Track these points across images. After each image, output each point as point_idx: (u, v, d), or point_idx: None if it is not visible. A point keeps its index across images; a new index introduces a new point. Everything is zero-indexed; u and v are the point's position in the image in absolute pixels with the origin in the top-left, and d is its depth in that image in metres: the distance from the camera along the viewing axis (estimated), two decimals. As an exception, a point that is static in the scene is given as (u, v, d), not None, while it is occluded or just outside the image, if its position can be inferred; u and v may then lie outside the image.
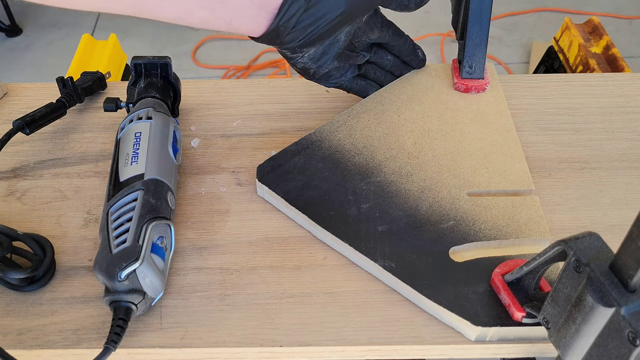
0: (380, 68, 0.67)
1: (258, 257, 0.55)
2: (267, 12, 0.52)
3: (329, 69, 0.60)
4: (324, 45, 0.57)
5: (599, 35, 0.92)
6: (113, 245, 0.49)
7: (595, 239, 0.40)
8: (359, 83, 0.65)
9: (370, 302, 0.51)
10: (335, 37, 0.57)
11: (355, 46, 0.61)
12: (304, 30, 0.53)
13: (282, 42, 0.54)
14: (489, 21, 0.65)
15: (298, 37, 0.54)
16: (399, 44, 0.65)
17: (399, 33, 0.64)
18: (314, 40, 0.55)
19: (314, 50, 0.57)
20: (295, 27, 0.53)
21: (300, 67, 0.59)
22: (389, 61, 0.67)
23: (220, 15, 0.51)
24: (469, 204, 0.56)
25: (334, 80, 0.63)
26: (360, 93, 0.66)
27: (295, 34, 0.53)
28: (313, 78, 0.61)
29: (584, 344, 0.40)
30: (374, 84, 0.67)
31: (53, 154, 0.64)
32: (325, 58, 0.59)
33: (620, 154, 0.63)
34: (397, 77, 0.68)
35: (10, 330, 0.50)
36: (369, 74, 0.66)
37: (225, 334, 0.49)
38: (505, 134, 0.62)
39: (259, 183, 0.58)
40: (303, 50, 0.56)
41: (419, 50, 0.68)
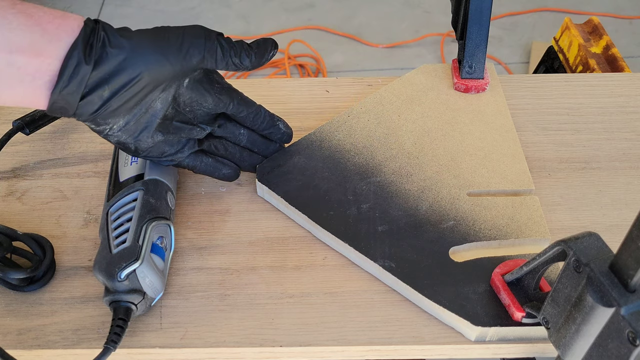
0: (233, 144, 0.56)
1: (258, 257, 0.55)
2: (43, 81, 0.43)
3: (152, 143, 0.51)
4: (134, 115, 0.48)
5: (599, 35, 0.92)
6: (113, 245, 0.49)
7: (595, 239, 0.40)
8: (205, 161, 0.55)
9: (370, 302, 0.51)
10: (147, 105, 0.48)
11: (189, 117, 0.52)
12: (98, 98, 0.45)
13: (77, 114, 0.46)
14: (489, 21, 0.65)
15: (93, 108, 0.45)
16: (249, 115, 0.54)
17: (246, 102, 0.54)
18: (116, 111, 0.46)
19: (122, 121, 0.48)
20: (87, 97, 0.44)
21: (116, 142, 0.50)
22: (243, 136, 0.56)
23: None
24: (469, 204, 0.56)
25: (167, 157, 0.52)
26: (209, 173, 0.56)
27: (88, 105, 0.45)
28: (137, 154, 0.51)
29: (583, 344, 0.40)
30: (226, 161, 0.57)
31: (53, 154, 0.64)
32: (142, 130, 0.49)
33: (620, 154, 0.63)
34: (259, 154, 0.58)
35: (10, 330, 0.50)
36: (218, 151, 0.56)
37: (225, 334, 0.49)
38: (505, 134, 0.62)
39: (259, 183, 0.58)
40: (108, 122, 0.47)
41: (280, 122, 0.57)
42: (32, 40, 0.43)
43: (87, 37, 0.44)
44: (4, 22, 0.42)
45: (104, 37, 0.45)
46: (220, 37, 0.50)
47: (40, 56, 0.43)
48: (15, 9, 0.43)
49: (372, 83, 0.71)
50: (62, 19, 0.44)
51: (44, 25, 0.43)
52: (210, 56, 0.49)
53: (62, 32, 0.44)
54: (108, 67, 0.45)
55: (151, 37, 0.47)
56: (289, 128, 0.58)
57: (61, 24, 0.44)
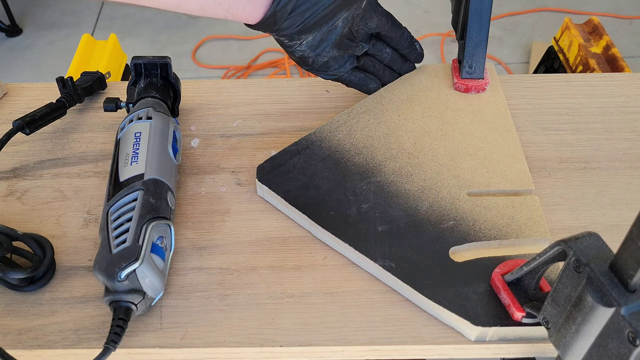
0: (379, 61, 0.66)
1: (258, 257, 0.55)
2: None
3: (327, 57, 0.60)
4: (321, 32, 0.57)
5: (599, 35, 0.92)
6: (113, 245, 0.49)
7: (595, 239, 0.40)
8: (358, 76, 0.65)
9: (370, 302, 0.51)
10: (332, 24, 0.57)
11: (354, 36, 0.61)
12: (301, 15, 0.54)
13: (280, 29, 0.54)
14: (489, 21, 0.65)
15: (295, 23, 0.54)
16: (397, 35, 0.64)
17: (397, 24, 0.64)
18: (311, 27, 0.55)
19: (311, 37, 0.57)
20: (292, 13, 0.53)
21: (299, 56, 0.59)
22: (387, 54, 0.66)
23: (219, 2, 0.51)
24: (469, 204, 0.56)
25: (333, 71, 0.62)
26: (360, 86, 0.66)
27: (292, 20, 0.54)
28: (312, 68, 0.61)
29: (583, 344, 0.40)
30: (373, 77, 0.66)
31: (53, 154, 0.64)
32: (324, 46, 0.58)
33: (620, 154, 0.63)
34: (396, 72, 0.68)
35: (10, 330, 0.50)
36: (368, 67, 0.65)
37: (225, 334, 0.49)
38: (505, 134, 0.62)
39: (259, 183, 0.58)
40: (301, 38, 0.56)
41: (416, 43, 0.67)
42: None
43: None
44: None
45: None
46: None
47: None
48: None
49: (372, 83, 0.71)
50: None
51: None
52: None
53: None
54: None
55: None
56: (422, 49, 0.68)
57: None
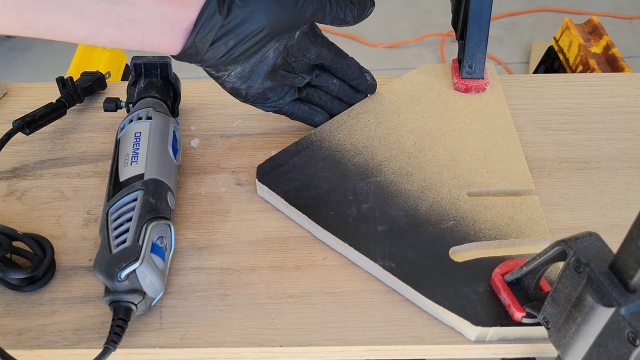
0: (325, 93, 0.62)
1: (258, 257, 0.55)
2: (181, 29, 0.49)
3: (261, 89, 0.56)
4: (250, 63, 0.54)
5: (599, 35, 0.92)
6: (113, 245, 0.49)
7: (595, 239, 0.40)
8: (302, 108, 0.61)
9: (370, 302, 0.51)
10: (262, 54, 0.54)
11: (293, 67, 0.58)
12: (225, 45, 0.50)
13: (203, 60, 0.51)
14: (489, 21, 0.65)
15: (219, 54, 0.51)
16: (342, 66, 0.60)
17: (341, 54, 0.60)
18: (237, 58, 0.52)
19: (240, 68, 0.53)
20: (215, 44, 0.50)
21: (230, 88, 0.56)
22: (335, 85, 0.62)
23: (131, 34, 0.48)
24: (469, 204, 0.56)
25: (271, 103, 0.59)
26: (305, 119, 0.62)
27: (215, 51, 0.50)
28: (246, 100, 0.57)
29: (583, 344, 0.40)
30: (319, 109, 0.62)
31: (53, 154, 0.64)
32: (255, 77, 0.55)
33: (620, 154, 0.63)
34: (347, 103, 0.64)
35: (10, 330, 0.50)
36: (313, 99, 0.61)
37: (225, 334, 0.49)
38: (505, 134, 0.62)
39: (259, 183, 0.58)
40: (228, 69, 0.53)
41: (367, 74, 0.63)
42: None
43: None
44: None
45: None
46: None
47: (182, 6, 0.48)
48: None
49: (372, 83, 0.71)
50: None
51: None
52: (321, 10, 0.53)
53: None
54: (236, 18, 0.49)
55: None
56: (374, 80, 0.64)
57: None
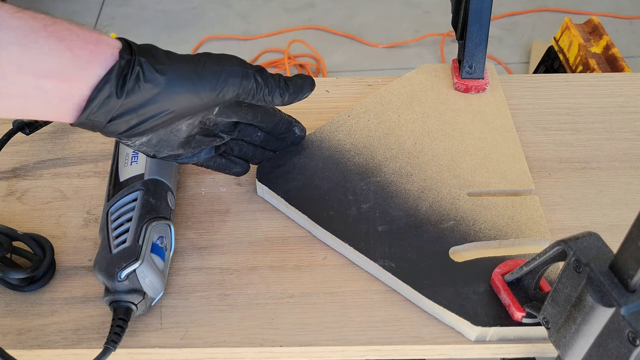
0: (248, 143, 0.57)
1: (258, 257, 0.55)
2: (72, 103, 0.43)
3: (171, 153, 0.51)
4: (159, 135, 0.48)
5: (599, 35, 0.92)
6: (113, 245, 0.49)
7: (595, 239, 0.40)
8: (219, 161, 0.56)
9: (370, 302, 0.51)
10: (173, 128, 0.48)
11: (209, 129, 0.52)
12: (125, 123, 0.45)
13: (104, 133, 0.46)
14: (489, 21, 0.64)
15: (119, 130, 0.45)
16: (269, 125, 0.56)
17: (269, 113, 0.55)
18: (142, 133, 0.47)
19: (146, 139, 0.48)
20: (114, 121, 0.44)
21: (136, 149, 0.50)
22: (259, 138, 0.57)
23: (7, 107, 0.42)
24: (469, 204, 0.56)
25: (184, 159, 0.53)
26: (222, 171, 0.57)
27: (114, 127, 0.45)
28: (155, 157, 0.52)
29: (583, 344, 0.40)
30: (239, 160, 0.57)
31: (53, 153, 0.64)
32: (164, 145, 0.49)
33: (620, 154, 0.63)
34: (271, 151, 0.59)
35: (10, 330, 0.50)
36: (233, 151, 0.57)
37: (225, 334, 0.49)
38: (505, 134, 0.62)
39: (259, 183, 0.58)
40: (132, 139, 0.47)
41: (296, 127, 0.58)
42: (61, 65, 0.41)
43: (121, 70, 0.43)
44: (34, 45, 0.40)
45: (138, 71, 0.44)
46: (258, 74, 0.49)
47: (69, 82, 0.42)
48: (46, 32, 0.41)
49: (372, 83, 0.71)
50: (96, 45, 0.43)
51: (75, 50, 0.42)
52: (244, 93, 0.49)
53: (94, 60, 0.42)
54: (138, 99, 0.44)
55: (186, 74, 0.46)
56: (303, 131, 0.59)
57: (94, 51, 0.42)
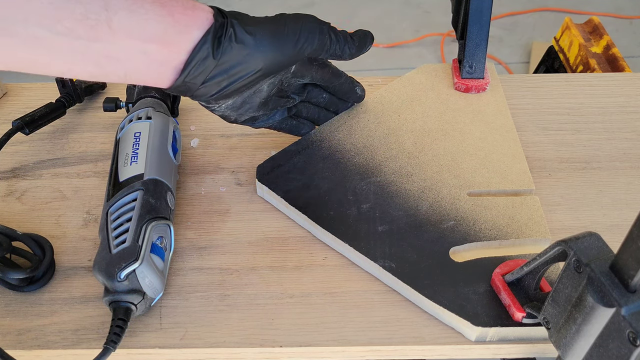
0: (314, 105, 0.62)
1: (258, 257, 0.55)
2: (170, 68, 0.46)
3: (251, 116, 0.56)
4: (243, 97, 0.53)
5: (599, 35, 0.92)
6: (112, 245, 0.49)
7: (595, 239, 0.40)
8: (290, 123, 0.60)
9: (370, 302, 0.51)
10: (256, 89, 0.53)
11: (284, 90, 0.57)
12: (217, 85, 0.49)
13: (194, 96, 0.50)
14: (489, 21, 0.64)
15: (210, 92, 0.49)
16: (335, 85, 0.60)
17: (336, 75, 0.60)
18: (230, 94, 0.50)
19: (231, 101, 0.52)
20: (206, 83, 0.48)
21: (219, 115, 0.55)
22: (324, 99, 0.62)
23: (111, 71, 0.45)
24: (469, 204, 0.56)
25: (260, 123, 0.58)
26: (291, 132, 0.61)
27: (206, 89, 0.49)
28: (236, 123, 0.56)
29: (584, 344, 0.40)
30: (306, 122, 0.62)
31: (52, 154, 0.64)
32: (247, 107, 0.54)
33: (620, 154, 0.63)
34: (333, 112, 0.64)
35: (9, 331, 0.50)
36: (301, 113, 0.61)
37: (225, 334, 0.49)
38: (505, 134, 0.62)
39: (259, 183, 0.58)
40: (219, 102, 0.52)
41: (357, 87, 0.63)
42: (164, 30, 0.45)
43: (216, 32, 0.47)
44: (141, 11, 0.44)
45: (231, 33, 0.47)
46: (331, 30, 0.53)
47: (170, 46, 0.45)
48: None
49: (372, 83, 0.71)
50: (193, 10, 0.46)
51: (176, 16, 0.45)
52: (320, 48, 0.52)
53: (192, 24, 0.46)
54: (231, 60, 0.48)
55: (271, 33, 0.50)
56: (363, 91, 0.64)
57: (192, 16, 0.46)
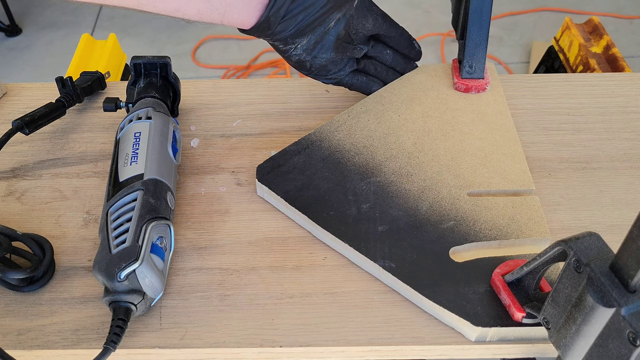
0: (380, 63, 0.66)
1: (258, 257, 0.55)
2: (258, 2, 0.54)
3: (324, 61, 0.60)
4: (315, 35, 0.58)
5: (599, 35, 0.92)
6: (112, 245, 0.49)
7: (595, 239, 0.40)
8: (360, 79, 0.65)
9: (370, 302, 0.51)
10: (326, 26, 0.58)
11: (351, 38, 0.61)
12: (294, 19, 0.55)
13: (274, 33, 0.56)
14: (489, 21, 0.64)
15: (289, 27, 0.55)
16: (395, 35, 0.64)
17: (394, 24, 0.64)
18: (304, 29, 0.56)
19: (306, 40, 0.57)
20: (285, 17, 0.55)
21: (295, 61, 0.60)
22: (389, 55, 0.66)
23: (216, 7, 0.53)
24: (469, 204, 0.56)
25: (332, 74, 0.62)
26: (363, 89, 0.66)
27: (285, 24, 0.55)
28: (310, 72, 0.61)
29: (584, 344, 0.40)
30: (376, 80, 0.66)
31: (52, 154, 0.64)
32: (319, 48, 0.59)
33: (620, 154, 0.63)
34: (399, 72, 0.67)
35: (9, 331, 0.50)
36: (369, 70, 0.65)
37: (225, 334, 0.49)
38: (505, 133, 0.62)
39: (259, 183, 0.58)
40: (295, 41, 0.57)
41: (414, 42, 0.67)
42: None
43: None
44: None
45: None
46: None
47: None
48: None
49: (372, 83, 0.71)
50: None
51: None
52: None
53: None
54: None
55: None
56: (420, 47, 0.68)
57: None
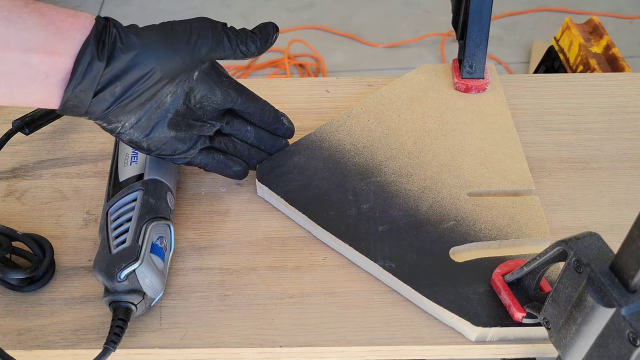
0: (241, 141, 0.57)
1: (258, 257, 0.55)
2: (56, 79, 0.43)
3: (164, 140, 0.50)
4: (146, 111, 0.48)
5: (600, 35, 0.92)
6: (112, 245, 0.49)
7: (595, 239, 0.40)
8: (216, 158, 0.55)
9: (370, 302, 0.51)
10: (159, 101, 0.48)
11: (198, 114, 0.52)
12: (110, 95, 0.45)
13: (89, 112, 0.46)
14: (489, 21, 0.64)
15: (105, 105, 0.45)
16: (254, 110, 0.55)
17: (252, 98, 0.55)
18: (129, 106, 0.46)
19: (134, 118, 0.48)
20: (99, 94, 0.44)
21: (128, 141, 0.50)
22: (250, 132, 0.56)
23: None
24: (469, 204, 0.56)
25: (180, 154, 0.52)
26: (220, 171, 0.56)
27: (100, 102, 0.45)
28: (150, 152, 0.51)
29: (584, 344, 0.40)
30: (238, 159, 0.57)
31: (52, 154, 0.64)
32: (154, 127, 0.49)
33: (620, 154, 0.63)
34: (266, 152, 0.59)
35: (9, 331, 0.50)
36: (228, 148, 0.56)
37: (225, 334, 0.49)
38: (505, 134, 0.62)
39: (259, 183, 0.58)
40: (120, 119, 0.47)
41: (283, 117, 0.58)
42: (45, 38, 0.43)
43: (98, 35, 0.45)
44: (18, 20, 0.42)
45: (115, 33, 0.45)
46: (226, 26, 0.50)
47: (53, 54, 0.43)
48: (29, 8, 0.43)
49: (372, 83, 0.71)
50: (74, 17, 0.44)
51: (57, 23, 0.43)
52: (218, 46, 0.49)
53: (74, 30, 0.44)
54: (120, 63, 0.45)
55: (160, 32, 0.47)
56: (291, 123, 0.59)
57: (73, 22, 0.44)
